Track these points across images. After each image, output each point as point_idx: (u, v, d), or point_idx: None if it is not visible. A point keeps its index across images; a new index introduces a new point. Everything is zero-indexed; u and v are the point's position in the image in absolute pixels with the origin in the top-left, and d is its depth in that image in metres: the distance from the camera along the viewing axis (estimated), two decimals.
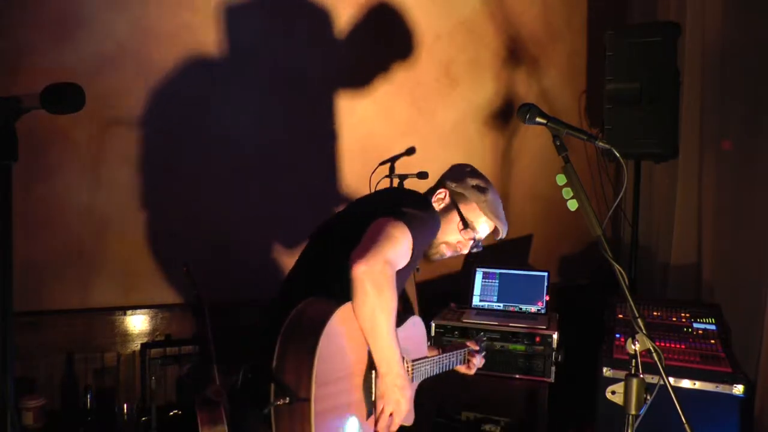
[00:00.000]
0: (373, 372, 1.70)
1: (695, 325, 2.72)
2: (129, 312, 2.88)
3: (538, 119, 1.70)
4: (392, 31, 3.34)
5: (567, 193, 1.66)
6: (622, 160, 1.71)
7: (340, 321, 1.59)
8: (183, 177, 2.96)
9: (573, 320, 3.13)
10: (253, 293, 3.12)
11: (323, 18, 3.19)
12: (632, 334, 1.53)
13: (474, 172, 2.04)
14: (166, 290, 2.93)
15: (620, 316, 2.81)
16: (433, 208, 1.93)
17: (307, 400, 1.51)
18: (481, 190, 1.98)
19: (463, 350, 2.20)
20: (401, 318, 1.88)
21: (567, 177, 1.64)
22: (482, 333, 2.66)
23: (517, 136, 3.68)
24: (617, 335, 2.68)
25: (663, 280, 3.50)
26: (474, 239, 1.99)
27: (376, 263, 1.57)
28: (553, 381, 2.79)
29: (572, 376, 2.92)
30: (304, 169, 3.20)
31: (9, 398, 1.14)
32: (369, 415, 1.72)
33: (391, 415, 1.74)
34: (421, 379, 1.99)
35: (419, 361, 1.96)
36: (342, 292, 1.63)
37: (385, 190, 2.07)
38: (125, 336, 2.87)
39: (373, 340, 1.64)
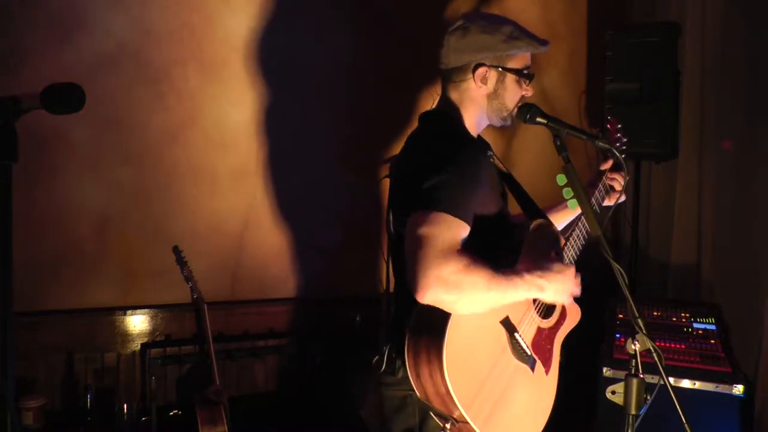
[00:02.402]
0: (516, 334, 1.63)
1: (695, 325, 2.72)
2: (129, 312, 2.88)
3: (538, 119, 1.70)
4: (393, 30, 3.34)
5: (567, 193, 1.66)
6: (621, 160, 1.70)
7: (456, 337, 1.49)
8: (183, 176, 2.96)
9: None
10: (253, 293, 3.14)
11: (325, 15, 3.19)
12: (632, 334, 1.53)
13: (489, 21, 1.72)
14: (166, 290, 2.92)
15: (620, 316, 2.81)
16: (453, 133, 1.72)
17: (466, 422, 1.49)
18: (513, 36, 1.71)
19: (598, 187, 1.92)
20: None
21: (567, 177, 1.64)
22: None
23: (517, 136, 3.68)
24: (617, 335, 2.68)
25: (663, 280, 3.50)
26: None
27: (431, 276, 1.44)
28: None
29: (572, 376, 2.92)
30: (305, 167, 3.19)
31: (9, 398, 1.14)
32: (533, 368, 1.68)
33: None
34: (577, 253, 1.85)
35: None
36: None
37: (402, 157, 1.77)
38: (125, 336, 2.87)
39: (504, 302, 1.57)
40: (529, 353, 1.67)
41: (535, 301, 1.72)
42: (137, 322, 2.89)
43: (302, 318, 3.18)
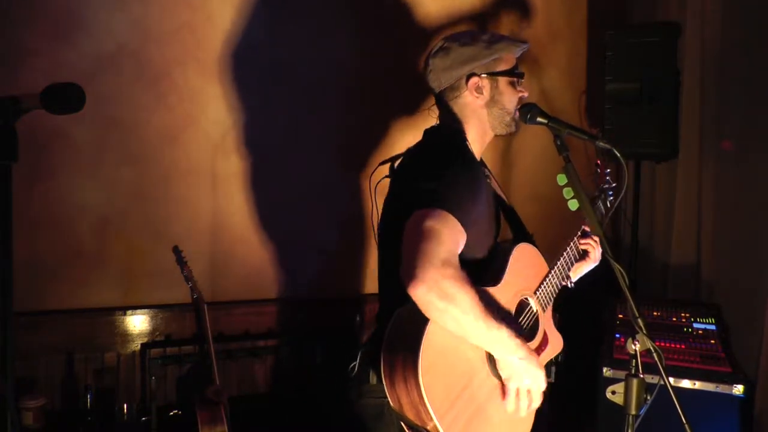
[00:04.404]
0: None
1: (695, 325, 2.72)
2: (129, 312, 2.87)
3: (539, 119, 1.71)
4: (393, 29, 3.34)
5: (568, 193, 1.66)
6: (622, 160, 1.70)
7: (432, 342, 1.48)
8: (183, 176, 2.96)
9: (573, 320, 3.13)
10: (253, 293, 3.14)
11: (326, 16, 3.19)
12: (632, 334, 1.53)
13: (466, 35, 1.76)
14: (166, 290, 2.92)
15: (620, 316, 2.81)
16: (455, 144, 1.73)
17: None
18: (492, 41, 1.73)
19: (571, 243, 1.92)
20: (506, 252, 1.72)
21: (568, 177, 1.64)
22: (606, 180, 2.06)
23: (517, 136, 3.66)
24: (617, 335, 2.68)
25: (663, 280, 3.50)
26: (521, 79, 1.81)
27: (430, 273, 1.41)
28: (553, 381, 2.79)
29: (572, 376, 2.92)
30: (306, 167, 3.19)
31: (9, 398, 1.14)
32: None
33: (528, 392, 1.61)
34: (552, 299, 1.83)
35: (540, 287, 1.79)
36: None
37: (412, 159, 1.77)
38: (125, 336, 2.87)
39: (475, 340, 1.53)
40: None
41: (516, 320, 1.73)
42: (137, 322, 2.89)
43: (302, 318, 3.17)
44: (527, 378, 1.59)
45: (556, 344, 1.87)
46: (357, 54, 3.25)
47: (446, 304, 1.43)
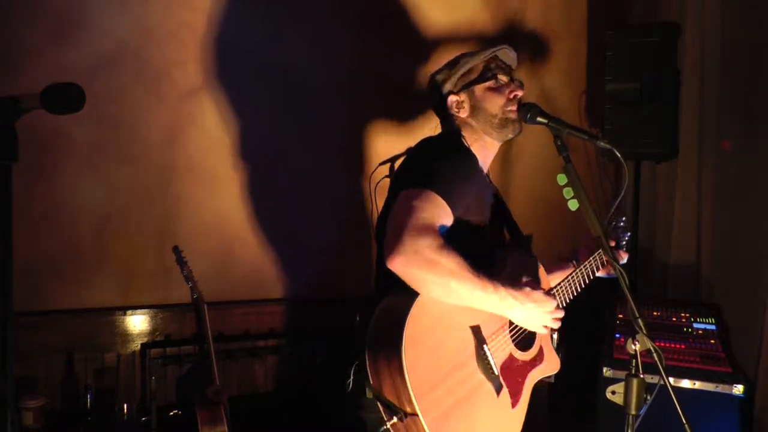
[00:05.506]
0: (485, 347, 1.61)
1: (695, 325, 2.73)
2: (129, 312, 2.87)
3: (539, 119, 1.71)
4: (393, 30, 3.34)
5: (568, 193, 1.66)
6: (622, 160, 1.70)
7: (419, 318, 1.48)
8: (183, 176, 2.96)
9: (573, 320, 3.13)
10: (253, 293, 3.14)
11: (325, 17, 3.19)
12: (632, 334, 1.53)
13: (442, 66, 1.93)
14: (166, 290, 2.92)
15: (620, 316, 2.81)
16: (452, 140, 1.82)
17: (415, 415, 1.44)
18: (455, 60, 1.89)
19: (595, 255, 2.02)
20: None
21: (568, 177, 1.64)
22: (621, 219, 2.19)
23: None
24: (617, 335, 2.68)
25: (663, 280, 3.50)
26: (508, 81, 1.88)
27: (407, 244, 1.45)
28: (553, 381, 2.79)
29: (572, 376, 2.92)
30: (304, 169, 3.19)
31: (9, 398, 1.14)
32: (498, 391, 1.65)
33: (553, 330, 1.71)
34: (569, 298, 1.91)
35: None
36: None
37: (409, 154, 1.85)
38: (125, 336, 2.87)
39: (471, 303, 1.55)
40: (496, 373, 1.65)
41: (510, 324, 1.74)
42: (137, 322, 2.89)
43: (302, 318, 3.17)
44: (541, 319, 1.68)
45: (552, 364, 1.90)
46: (357, 54, 3.25)
47: (426, 272, 1.47)
